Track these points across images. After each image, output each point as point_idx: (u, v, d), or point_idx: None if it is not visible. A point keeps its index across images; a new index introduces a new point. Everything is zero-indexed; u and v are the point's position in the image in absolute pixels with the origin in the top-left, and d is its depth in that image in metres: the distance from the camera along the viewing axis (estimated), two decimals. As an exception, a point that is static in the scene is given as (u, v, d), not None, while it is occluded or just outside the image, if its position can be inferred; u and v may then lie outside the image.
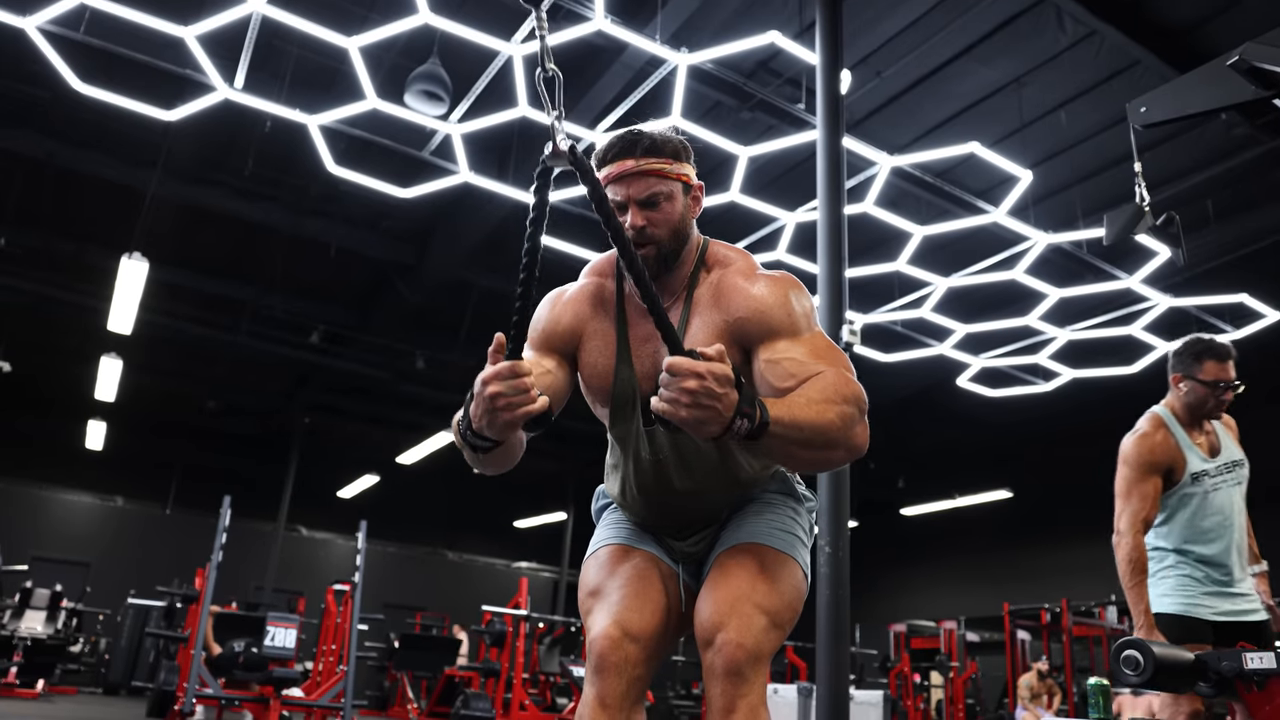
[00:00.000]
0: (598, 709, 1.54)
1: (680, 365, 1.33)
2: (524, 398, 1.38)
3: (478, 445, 1.47)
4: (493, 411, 1.38)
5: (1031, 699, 10.02)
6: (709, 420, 1.33)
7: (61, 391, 14.62)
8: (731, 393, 1.34)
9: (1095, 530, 14.81)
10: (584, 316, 1.76)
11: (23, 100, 7.96)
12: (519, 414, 1.38)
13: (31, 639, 10.49)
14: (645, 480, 1.74)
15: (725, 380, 1.33)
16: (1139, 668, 2.47)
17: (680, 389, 1.32)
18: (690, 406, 1.32)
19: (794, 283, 1.69)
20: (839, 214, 4.89)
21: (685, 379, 1.32)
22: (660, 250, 1.66)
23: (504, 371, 1.37)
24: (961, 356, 10.35)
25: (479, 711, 7.90)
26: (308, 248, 10.16)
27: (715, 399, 1.32)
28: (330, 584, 8.66)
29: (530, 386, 1.39)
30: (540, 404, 1.40)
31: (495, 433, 1.41)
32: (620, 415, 1.74)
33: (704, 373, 1.31)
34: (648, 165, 1.64)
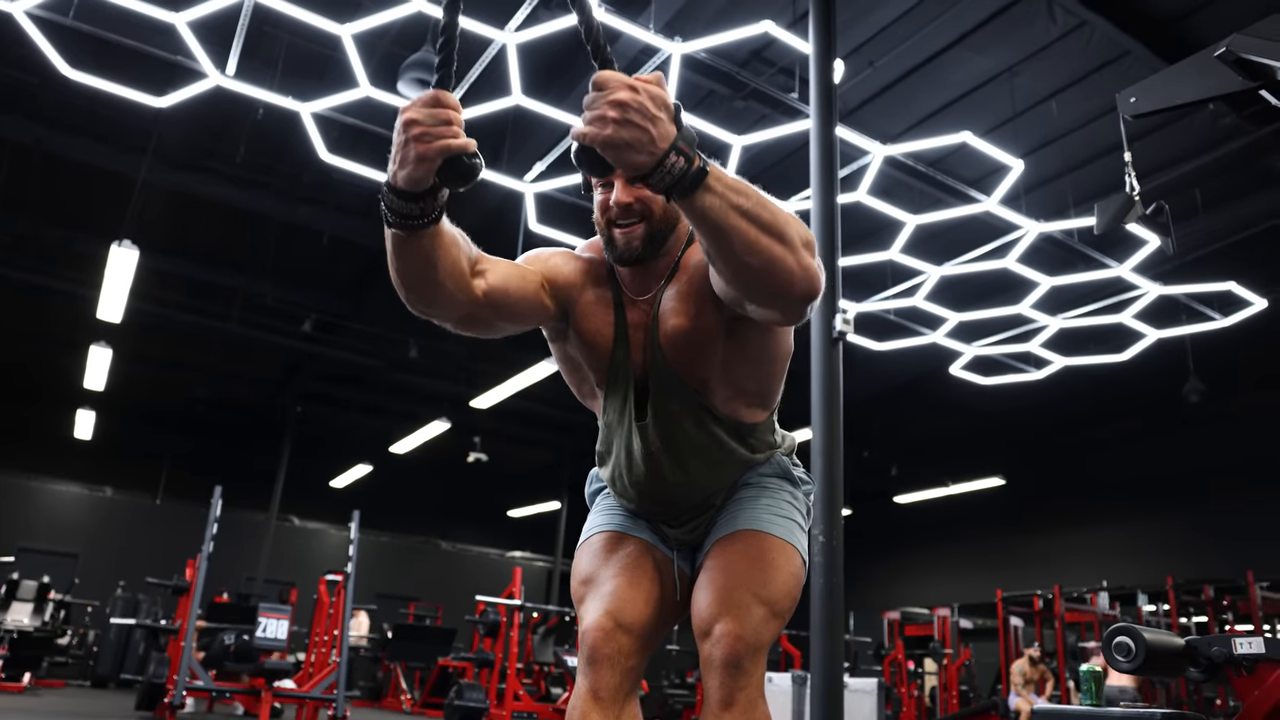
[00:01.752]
0: (591, 701, 1.52)
1: (610, 76, 1.17)
2: (445, 129, 1.21)
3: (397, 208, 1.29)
4: (407, 143, 1.22)
5: (1024, 685, 10.08)
6: (638, 144, 1.16)
7: (50, 380, 14.53)
8: (668, 122, 1.17)
9: (1087, 517, 14.95)
10: (583, 283, 1.69)
11: (10, 85, 7.85)
12: (436, 146, 1.21)
13: (18, 631, 10.36)
14: (637, 470, 1.70)
15: (663, 104, 1.17)
16: (1130, 653, 2.49)
17: (608, 102, 1.15)
18: (619, 124, 1.15)
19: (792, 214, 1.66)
20: (832, 203, 4.89)
21: (615, 90, 1.15)
22: (650, 227, 1.59)
23: (426, 99, 1.22)
24: (954, 345, 10.38)
25: (473, 702, 7.89)
26: (299, 235, 10.11)
27: (649, 120, 1.15)
28: (323, 574, 8.64)
29: (455, 120, 1.22)
30: (462, 141, 1.22)
31: (409, 172, 1.23)
32: (614, 395, 1.70)
33: (639, 87, 1.16)
34: None
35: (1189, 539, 13.75)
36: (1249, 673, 2.41)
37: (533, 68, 6.84)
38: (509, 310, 1.56)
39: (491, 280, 1.52)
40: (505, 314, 1.56)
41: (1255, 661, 2.42)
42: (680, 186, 1.21)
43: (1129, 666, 2.50)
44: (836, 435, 4.37)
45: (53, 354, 13.47)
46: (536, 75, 7.00)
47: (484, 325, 1.56)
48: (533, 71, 6.87)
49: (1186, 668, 2.59)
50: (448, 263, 1.41)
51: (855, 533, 17.06)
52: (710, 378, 1.63)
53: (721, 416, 1.66)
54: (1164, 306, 9.43)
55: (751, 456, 1.73)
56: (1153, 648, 2.49)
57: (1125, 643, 2.52)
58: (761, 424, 1.73)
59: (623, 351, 1.66)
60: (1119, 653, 2.52)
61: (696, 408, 1.63)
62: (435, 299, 1.45)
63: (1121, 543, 14.67)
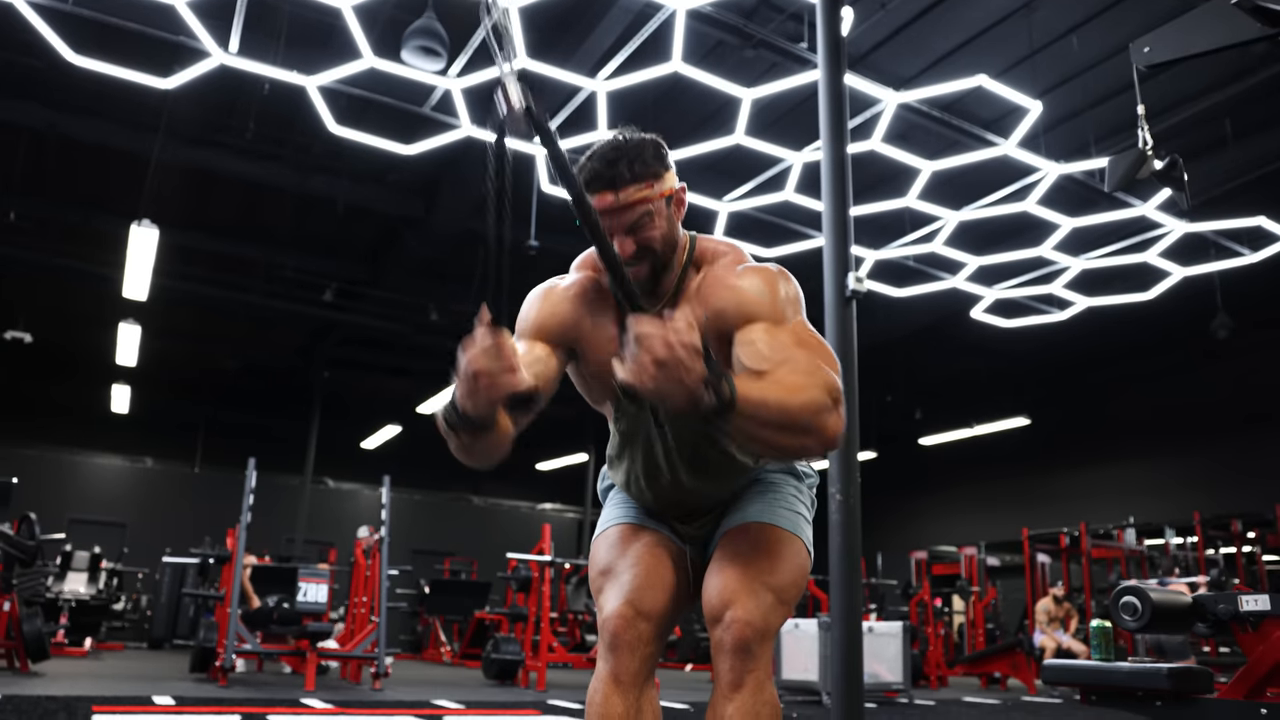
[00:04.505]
0: (612, 685, 1.59)
1: (647, 331, 1.29)
2: (508, 376, 1.34)
3: (461, 427, 1.41)
4: (475, 390, 1.34)
5: (1049, 622, 10.18)
6: (675, 392, 1.29)
7: (84, 358, 14.83)
8: (699, 364, 1.30)
9: (1112, 454, 14.88)
10: (581, 312, 1.74)
11: (21, 71, 7.89)
12: (501, 388, 1.33)
13: (76, 600, 10.79)
14: (653, 475, 1.76)
15: (693, 351, 1.29)
16: (1137, 612, 2.52)
17: (650, 360, 1.28)
18: (657, 376, 1.28)
19: (781, 273, 1.68)
20: (842, 154, 4.83)
21: (653, 344, 1.28)
22: (653, 262, 1.66)
23: (488, 348, 1.33)
24: (975, 289, 10.29)
25: (509, 654, 8.10)
26: (315, 205, 10.16)
27: (683, 370, 1.28)
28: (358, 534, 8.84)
29: (513, 358, 1.35)
30: (525, 381, 1.36)
31: (477, 410, 1.37)
32: (625, 417, 1.76)
33: (673, 342, 1.28)
34: (630, 197, 1.60)
35: (1216, 474, 13.65)
36: (1254, 629, 2.45)
37: (537, 28, 6.78)
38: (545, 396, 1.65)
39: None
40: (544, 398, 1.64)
41: (1261, 618, 2.44)
42: (712, 416, 1.34)
43: (1136, 625, 2.53)
44: (851, 396, 4.38)
45: (85, 332, 13.71)
46: (541, 36, 6.94)
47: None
48: (537, 32, 6.80)
49: (1194, 624, 2.62)
50: (501, 440, 1.53)
51: (881, 475, 17.24)
52: None
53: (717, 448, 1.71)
54: (1190, 243, 9.26)
55: (760, 459, 1.79)
56: (1159, 606, 2.51)
57: (1132, 602, 2.55)
58: None
59: None
60: (1126, 612, 2.55)
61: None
62: (490, 464, 1.60)
63: (1148, 480, 14.62)
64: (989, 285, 10.35)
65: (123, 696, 5.34)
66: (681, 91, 7.60)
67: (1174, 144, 8.47)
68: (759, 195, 8.53)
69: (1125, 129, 8.34)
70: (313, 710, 5.13)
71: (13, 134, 8.86)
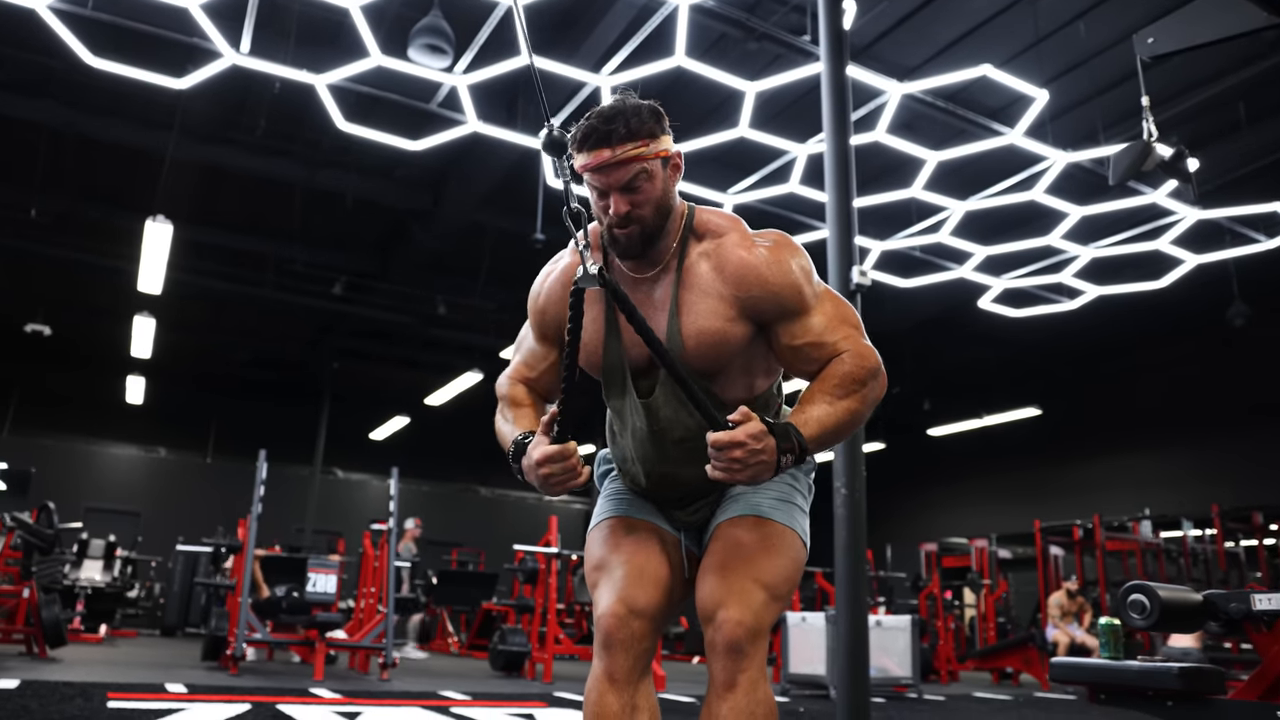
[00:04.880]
0: (607, 683, 1.62)
1: (722, 440, 1.49)
2: (571, 475, 1.59)
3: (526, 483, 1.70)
4: (546, 486, 1.61)
5: (1062, 617, 10.07)
6: (762, 473, 1.51)
7: (100, 350, 15.00)
8: (770, 441, 1.49)
9: (1126, 445, 14.67)
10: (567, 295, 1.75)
11: (41, 71, 8.01)
12: (567, 487, 1.62)
13: (91, 588, 10.93)
14: (644, 450, 1.77)
15: (761, 435, 1.48)
16: (1145, 610, 2.47)
17: (730, 460, 1.49)
18: (742, 471, 1.49)
19: (791, 246, 1.70)
20: (845, 147, 4.83)
21: (730, 451, 1.48)
22: (645, 229, 1.66)
23: (555, 455, 1.57)
24: (982, 279, 10.25)
25: (516, 646, 8.15)
26: (324, 200, 10.23)
27: (759, 455, 1.48)
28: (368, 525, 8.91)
29: (577, 464, 1.59)
30: (584, 477, 1.61)
31: (547, 493, 1.66)
32: (613, 387, 1.77)
33: (744, 439, 1.47)
34: (625, 153, 1.61)
35: (1233, 466, 13.43)
36: (1268, 628, 2.39)
37: (542, 23, 6.80)
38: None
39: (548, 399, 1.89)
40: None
41: (1275, 617, 2.39)
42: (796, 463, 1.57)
43: (1144, 623, 2.46)
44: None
45: (100, 325, 13.88)
46: (546, 31, 6.96)
47: None
48: (542, 27, 6.82)
49: (1205, 623, 2.56)
50: None
51: (890, 466, 17.21)
52: (725, 369, 1.71)
53: (726, 401, 1.72)
54: (1204, 230, 9.17)
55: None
56: (1168, 604, 2.42)
57: (1140, 600, 2.44)
58: (763, 394, 1.81)
59: (615, 340, 1.73)
60: (1134, 610, 2.45)
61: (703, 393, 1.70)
62: None
63: (1163, 471, 14.42)
64: (997, 275, 10.31)
65: (137, 684, 5.42)
66: (685, 85, 7.61)
67: (1186, 129, 8.41)
68: (764, 187, 8.53)
69: (1134, 115, 8.20)
70: (321, 700, 5.20)
71: (33, 132, 8.97)
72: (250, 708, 4.55)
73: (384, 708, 4.92)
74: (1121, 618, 2.55)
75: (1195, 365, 14.03)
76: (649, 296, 1.71)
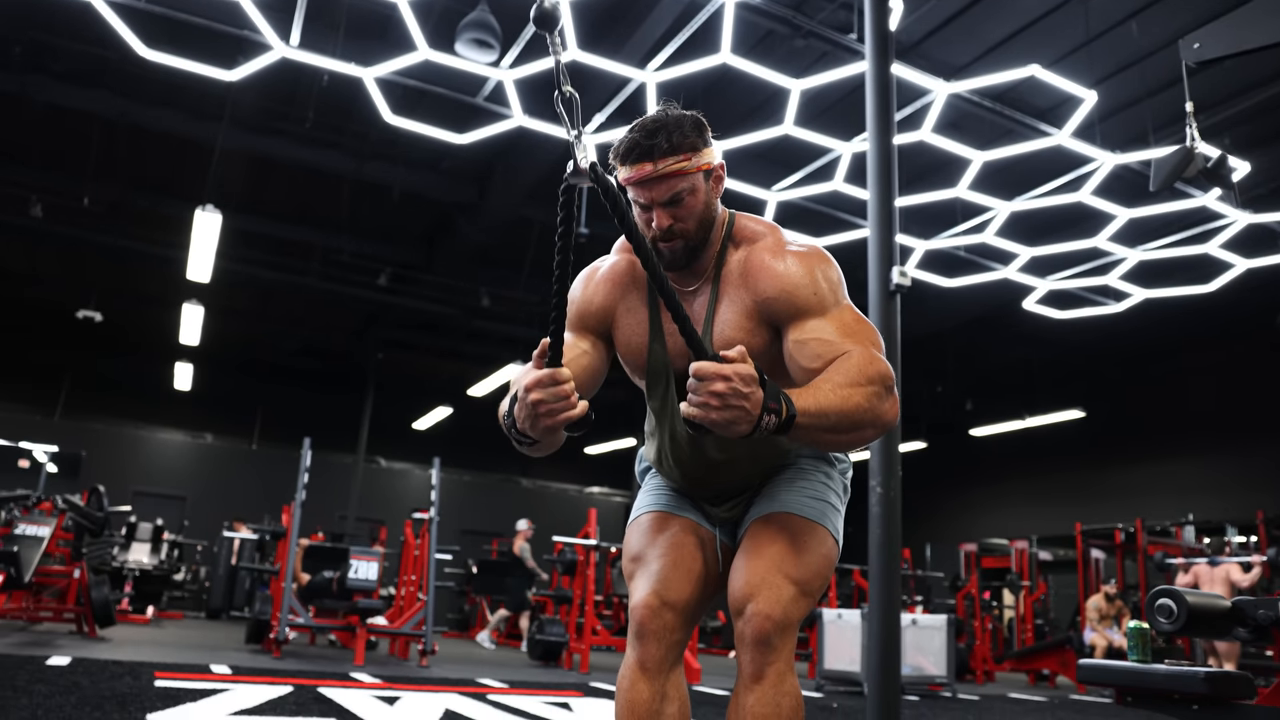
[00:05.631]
0: (639, 672, 1.66)
1: (706, 370, 1.37)
2: (564, 404, 1.44)
3: (521, 441, 1.57)
4: (535, 416, 1.45)
5: (1099, 620, 10.00)
6: (738, 420, 1.38)
7: (149, 337, 15.32)
8: (757, 391, 1.38)
9: (1171, 450, 14.44)
10: (616, 295, 1.80)
11: (95, 62, 8.20)
12: (560, 419, 1.44)
13: (139, 570, 11.21)
14: (681, 451, 1.81)
15: (750, 380, 1.37)
16: (1172, 615, 2.49)
17: (709, 392, 1.36)
18: (719, 409, 1.37)
19: (822, 256, 1.70)
20: (888, 147, 4.83)
21: (712, 382, 1.36)
22: (688, 242, 1.68)
23: (545, 379, 1.43)
24: (1027, 280, 10.14)
25: (553, 636, 8.25)
26: (370, 192, 10.37)
27: (742, 399, 1.36)
28: (409, 513, 9.05)
29: (571, 393, 1.44)
30: (580, 409, 1.46)
31: (538, 434, 1.50)
32: (655, 390, 1.81)
33: (730, 374, 1.36)
34: (667, 168, 1.62)
35: (1278, 474, 13.22)
36: None
37: (587, 20, 6.84)
38: (589, 391, 1.76)
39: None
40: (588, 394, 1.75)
41: None
42: (775, 434, 1.44)
43: (1171, 627, 2.49)
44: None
45: (150, 312, 14.17)
46: (591, 28, 6.99)
47: None
48: (588, 24, 6.86)
49: (1234, 629, 2.58)
50: (558, 440, 1.62)
51: (931, 466, 17.07)
52: None
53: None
54: (1255, 234, 9.02)
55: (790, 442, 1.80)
56: (1195, 610, 2.44)
57: (1167, 605, 2.49)
58: None
59: (659, 345, 1.76)
60: (1161, 614, 2.50)
61: None
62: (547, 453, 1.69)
63: (1207, 476, 14.19)
64: (1042, 276, 10.19)
65: (183, 664, 5.57)
66: (730, 82, 7.60)
67: (1240, 132, 8.26)
68: (807, 185, 8.51)
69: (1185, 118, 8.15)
70: (362, 684, 5.31)
71: (86, 122, 9.18)
72: (292, 690, 4.67)
73: (422, 693, 5.02)
74: (1150, 621, 2.56)
75: (1243, 370, 13.79)
76: (689, 309, 1.74)
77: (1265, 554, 9.63)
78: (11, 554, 6.75)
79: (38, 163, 10.26)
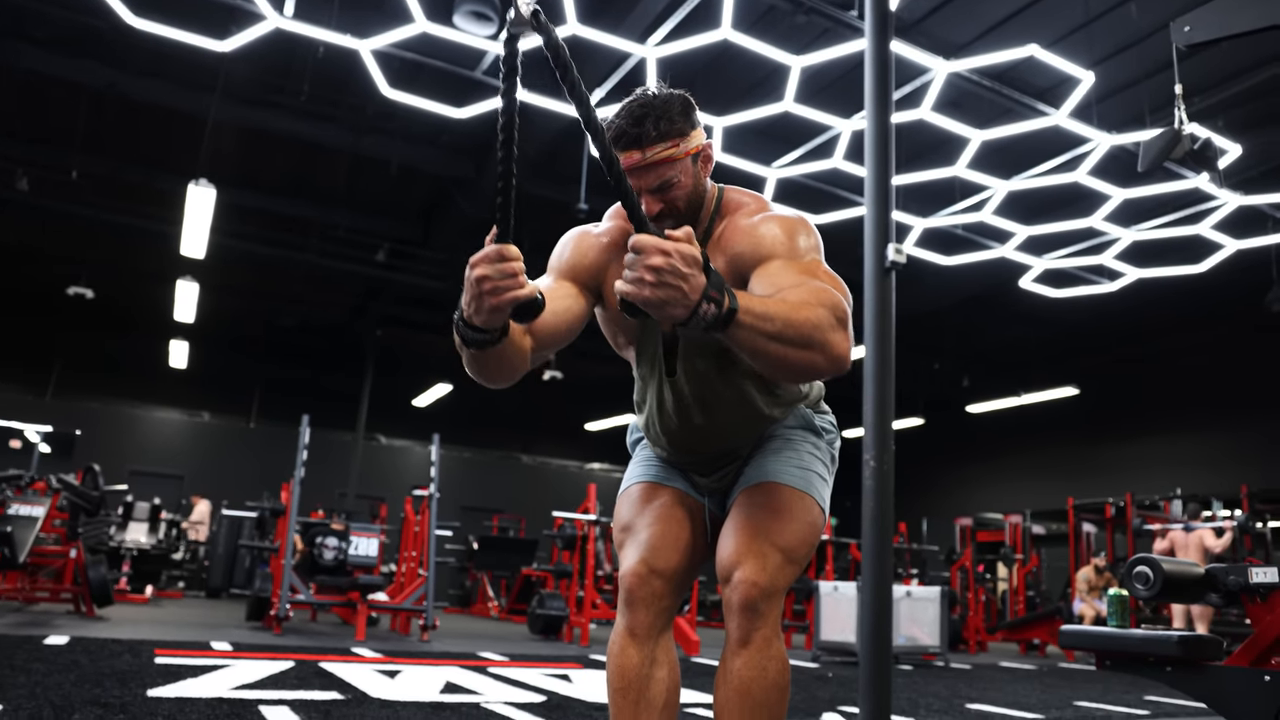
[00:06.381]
0: (628, 638, 1.71)
1: (645, 242, 1.28)
2: (511, 282, 1.34)
3: (470, 339, 1.44)
4: (479, 296, 1.35)
5: (1089, 591, 10.19)
6: (673, 300, 1.29)
7: (144, 314, 15.26)
8: (699, 275, 1.29)
9: (1162, 427, 14.60)
10: (608, 257, 1.79)
11: (82, 30, 8.00)
12: (505, 298, 1.35)
13: (137, 549, 11.18)
14: (668, 421, 1.83)
15: (692, 261, 1.29)
16: (1149, 582, 2.59)
17: (645, 266, 1.28)
18: (655, 285, 1.28)
19: (801, 220, 1.70)
20: (886, 125, 4.82)
21: (650, 256, 1.28)
22: (678, 220, 1.68)
23: (491, 255, 1.35)
24: (1024, 258, 10.19)
25: (554, 610, 8.33)
26: (368, 166, 10.32)
27: (681, 278, 1.28)
28: (409, 490, 9.07)
29: (519, 271, 1.35)
30: (528, 290, 1.36)
31: (483, 319, 1.39)
32: (644, 356, 1.83)
33: (670, 250, 1.28)
34: (656, 155, 1.63)
35: (1268, 449, 13.40)
36: (1263, 600, 2.50)
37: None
38: (558, 339, 1.69)
39: (540, 334, 1.63)
40: (557, 343, 1.70)
41: (1270, 590, 2.49)
42: (713, 328, 1.34)
43: (1148, 593, 2.60)
44: (888, 364, 4.41)
45: (144, 289, 14.09)
46: (592, 2, 6.96)
47: (543, 359, 1.70)
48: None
49: (1207, 595, 2.69)
50: (513, 356, 1.53)
51: (928, 442, 17.18)
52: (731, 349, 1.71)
53: (747, 371, 1.76)
54: (1245, 216, 9.09)
55: (776, 409, 1.85)
56: (1170, 576, 2.57)
57: (1144, 572, 2.61)
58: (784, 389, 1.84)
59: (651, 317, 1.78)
60: (1138, 581, 2.62)
61: (724, 365, 1.75)
62: (507, 381, 1.60)
63: (1198, 453, 14.39)
64: (1038, 255, 10.24)
65: (183, 641, 5.60)
66: (731, 58, 7.59)
67: (1231, 115, 8.28)
68: (808, 162, 8.51)
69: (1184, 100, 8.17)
70: (363, 659, 5.36)
71: (74, 92, 9.03)
72: (293, 665, 4.68)
73: (424, 667, 5.06)
74: (1128, 588, 2.65)
75: (1232, 349, 13.94)
76: None
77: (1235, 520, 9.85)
78: (5, 534, 6.64)
79: (23, 135, 10.08)
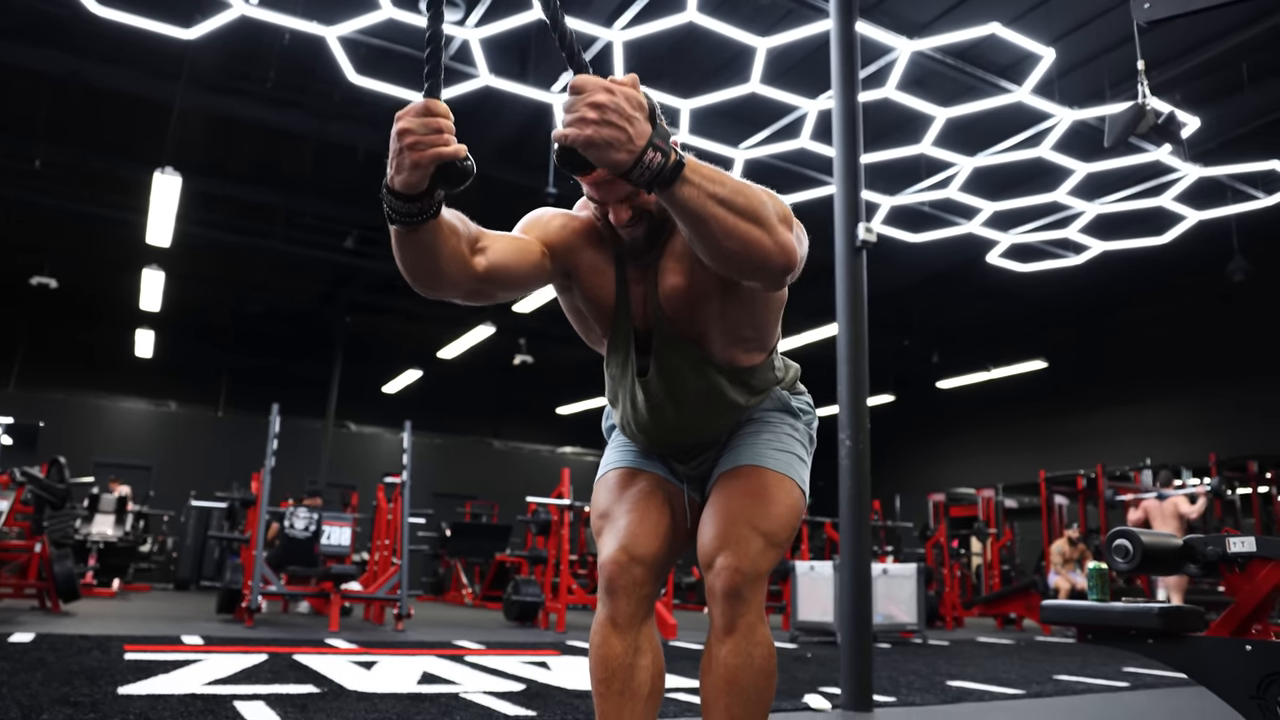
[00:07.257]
0: (610, 627, 1.68)
1: (588, 80, 1.22)
2: (436, 138, 1.27)
3: (396, 209, 1.36)
4: (401, 151, 1.28)
5: (1063, 564, 10.30)
6: (616, 142, 1.21)
7: (109, 303, 15.04)
8: (644, 123, 1.23)
9: (1131, 398, 14.84)
10: (577, 242, 1.73)
11: (43, 18, 7.86)
12: (429, 154, 1.27)
13: (104, 542, 10.98)
14: (642, 418, 1.81)
15: (638, 105, 1.23)
16: (1129, 555, 2.62)
17: (587, 104, 1.20)
18: (598, 124, 1.20)
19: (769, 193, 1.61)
20: (853, 105, 4.84)
21: (593, 93, 1.21)
22: (649, 224, 1.65)
23: (418, 108, 1.28)
24: (990, 234, 10.28)
25: (529, 596, 8.30)
26: (335, 152, 10.20)
27: (626, 119, 1.21)
28: (381, 478, 9.01)
29: (446, 128, 1.28)
30: (453, 148, 1.28)
31: (404, 179, 1.30)
32: (616, 353, 1.80)
33: (614, 89, 1.21)
34: None
35: (1234, 416, 13.64)
36: (1241, 569, 2.52)
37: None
38: (511, 281, 1.62)
39: (492, 258, 1.57)
40: (508, 285, 1.62)
41: (1247, 559, 2.52)
42: (660, 180, 1.27)
43: (1127, 566, 2.63)
44: (861, 343, 4.45)
45: (109, 278, 13.90)
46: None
47: (488, 297, 1.62)
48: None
49: (1186, 565, 2.73)
50: (448, 250, 1.47)
51: (899, 418, 17.32)
52: (708, 329, 1.71)
53: (721, 365, 1.74)
54: (1206, 187, 9.22)
55: (752, 398, 1.82)
56: (1149, 549, 2.59)
57: (1123, 545, 2.63)
58: (760, 365, 1.82)
59: (624, 308, 1.74)
60: (1118, 554, 2.64)
61: (696, 359, 1.73)
62: (439, 283, 1.52)
63: (1166, 422, 14.61)
64: (1004, 230, 10.33)
65: (153, 636, 5.50)
66: (696, 41, 7.56)
67: (1191, 88, 8.38)
68: (775, 143, 8.52)
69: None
70: (337, 650, 5.34)
71: (35, 81, 8.88)
72: (267, 658, 4.62)
73: (400, 657, 5.03)
74: (1108, 562, 2.68)
75: (1195, 318, 14.16)
76: (644, 276, 1.70)
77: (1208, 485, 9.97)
78: (-34, 530, 6.57)
79: (-17, 123, 9.90)
